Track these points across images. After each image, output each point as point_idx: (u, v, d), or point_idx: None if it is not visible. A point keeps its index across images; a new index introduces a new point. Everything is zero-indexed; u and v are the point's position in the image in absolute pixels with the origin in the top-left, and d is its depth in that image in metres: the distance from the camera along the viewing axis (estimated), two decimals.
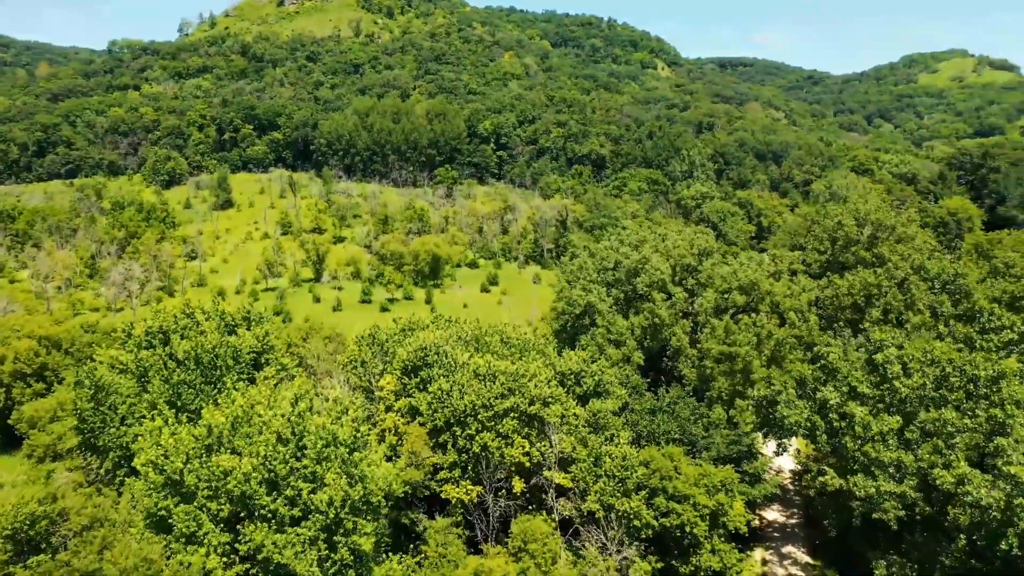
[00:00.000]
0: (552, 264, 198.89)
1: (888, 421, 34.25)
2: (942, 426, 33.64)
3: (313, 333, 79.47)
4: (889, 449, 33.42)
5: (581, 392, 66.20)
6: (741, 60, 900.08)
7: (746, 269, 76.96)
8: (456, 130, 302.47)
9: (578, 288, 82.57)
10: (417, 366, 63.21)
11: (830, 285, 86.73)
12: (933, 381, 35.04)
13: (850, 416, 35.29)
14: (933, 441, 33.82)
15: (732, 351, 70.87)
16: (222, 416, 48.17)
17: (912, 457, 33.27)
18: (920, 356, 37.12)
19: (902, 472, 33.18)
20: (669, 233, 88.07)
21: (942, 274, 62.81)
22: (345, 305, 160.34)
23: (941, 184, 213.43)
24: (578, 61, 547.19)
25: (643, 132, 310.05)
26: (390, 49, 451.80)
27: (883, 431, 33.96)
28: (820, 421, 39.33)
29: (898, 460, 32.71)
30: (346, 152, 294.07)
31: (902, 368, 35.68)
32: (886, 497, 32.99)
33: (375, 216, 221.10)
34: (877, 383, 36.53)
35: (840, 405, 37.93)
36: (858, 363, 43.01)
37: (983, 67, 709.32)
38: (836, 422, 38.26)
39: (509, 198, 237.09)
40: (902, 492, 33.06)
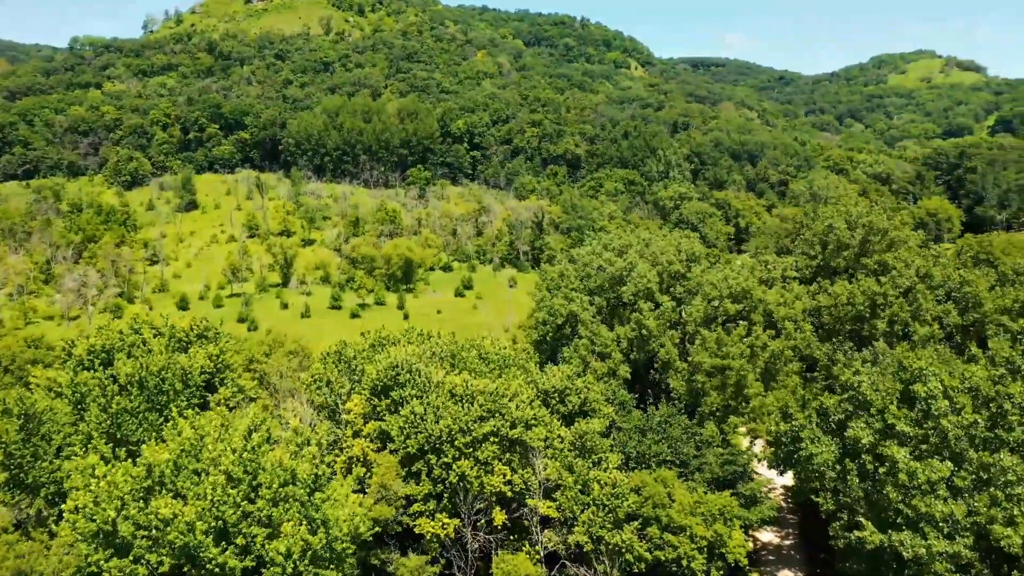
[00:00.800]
0: (528, 267, 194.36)
1: (938, 468, 30.01)
2: (1000, 473, 29.47)
3: (276, 347, 73.76)
4: (939, 500, 29.21)
5: (566, 411, 61.46)
6: (713, 60, 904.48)
7: (737, 276, 72.62)
8: (428, 129, 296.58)
9: (560, 297, 77.74)
10: (388, 386, 57.98)
11: (822, 291, 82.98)
12: (987, 419, 30.86)
13: (891, 461, 31.06)
14: (990, 491, 29.64)
15: (725, 364, 66.52)
16: (165, 453, 42.63)
17: (965, 509, 29.13)
18: (958, 385, 32.92)
19: (954, 527, 29.07)
20: (654, 238, 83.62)
21: (948, 282, 59.03)
22: (314, 311, 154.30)
23: (919, 184, 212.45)
24: (552, 60, 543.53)
25: (618, 132, 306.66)
26: (361, 47, 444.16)
27: (932, 479, 29.74)
28: (851, 463, 35.02)
29: (950, 514, 28.60)
30: (315, 152, 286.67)
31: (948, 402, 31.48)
32: (938, 558, 28.80)
33: (345, 218, 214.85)
34: (918, 420, 32.32)
35: (874, 445, 33.67)
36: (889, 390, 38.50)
37: (951, 68, 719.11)
38: (869, 464, 33.95)
39: (483, 199, 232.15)
40: (956, 552, 28.93)
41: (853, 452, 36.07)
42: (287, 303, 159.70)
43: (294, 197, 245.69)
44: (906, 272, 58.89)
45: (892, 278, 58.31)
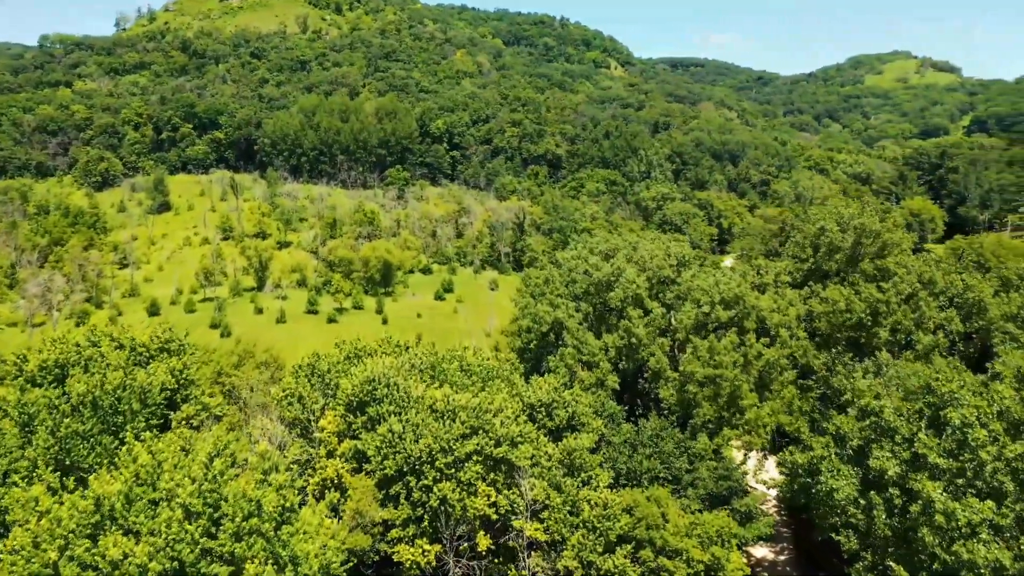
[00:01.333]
0: (509, 269, 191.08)
1: (980, 508, 27.15)
2: None
3: (247, 358, 69.80)
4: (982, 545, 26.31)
5: (552, 426, 58.24)
6: (692, 60, 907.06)
7: (729, 281, 69.85)
8: (407, 129, 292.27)
9: (544, 303, 74.56)
10: (364, 401, 54.41)
11: (814, 295, 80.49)
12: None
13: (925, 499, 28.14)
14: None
15: (718, 374, 63.72)
16: (117, 483, 38.83)
17: (1010, 556, 26.28)
18: (987, 408, 29.99)
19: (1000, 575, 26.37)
20: (642, 241, 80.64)
21: (950, 287, 56.56)
22: (290, 316, 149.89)
23: (902, 185, 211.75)
24: (531, 60, 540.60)
25: (599, 132, 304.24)
26: (338, 46, 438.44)
27: (973, 521, 26.91)
28: (876, 498, 32.10)
29: (995, 560, 25.83)
30: (292, 152, 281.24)
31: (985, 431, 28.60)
32: None
33: (322, 220, 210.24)
34: (952, 451, 29.44)
35: (902, 477, 30.76)
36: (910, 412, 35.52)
37: (926, 69, 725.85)
38: (897, 498, 31.03)
39: (463, 200, 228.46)
40: None
41: (878, 484, 33.15)
42: (262, 308, 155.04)
43: (270, 198, 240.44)
44: (908, 278, 56.22)
45: (894, 284, 55.61)
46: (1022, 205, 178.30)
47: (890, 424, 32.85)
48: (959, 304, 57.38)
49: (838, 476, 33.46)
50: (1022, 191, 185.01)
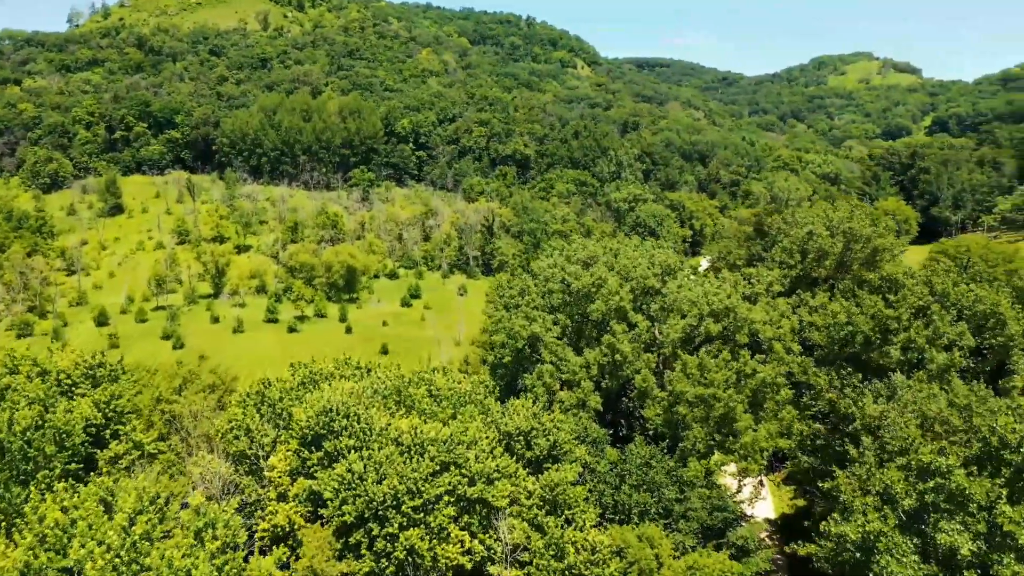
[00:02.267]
0: (478, 273, 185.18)
1: None
2: None
3: (192, 379, 62.97)
4: None
5: (532, 457, 52.61)
6: (658, 60, 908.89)
7: (718, 291, 64.86)
8: (372, 129, 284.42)
9: (519, 316, 68.86)
10: (320, 435, 48.24)
11: (803, 303, 76.00)
12: None
13: None
14: None
15: (710, 393, 58.66)
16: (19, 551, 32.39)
17: None
18: None
19: None
20: (623, 248, 75.36)
21: (961, 300, 52.14)
22: (248, 325, 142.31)
23: (875, 185, 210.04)
24: (498, 59, 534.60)
25: (568, 132, 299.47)
26: (300, 43, 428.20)
27: None
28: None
29: None
30: (251, 152, 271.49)
31: None
32: None
33: (283, 223, 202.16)
34: None
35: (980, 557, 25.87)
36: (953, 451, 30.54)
37: (887, 70, 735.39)
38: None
39: (430, 202, 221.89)
40: None
41: (947, 564, 28.07)
42: (218, 316, 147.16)
43: (228, 200, 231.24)
44: (917, 289, 51.59)
45: (903, 297, 50.92)
46: (995, 205, 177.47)
47: (962, 489, 27.81)
48: (967, 317, 52.94)
49: (900, 556, 28.32)
50: (994, 191, 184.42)
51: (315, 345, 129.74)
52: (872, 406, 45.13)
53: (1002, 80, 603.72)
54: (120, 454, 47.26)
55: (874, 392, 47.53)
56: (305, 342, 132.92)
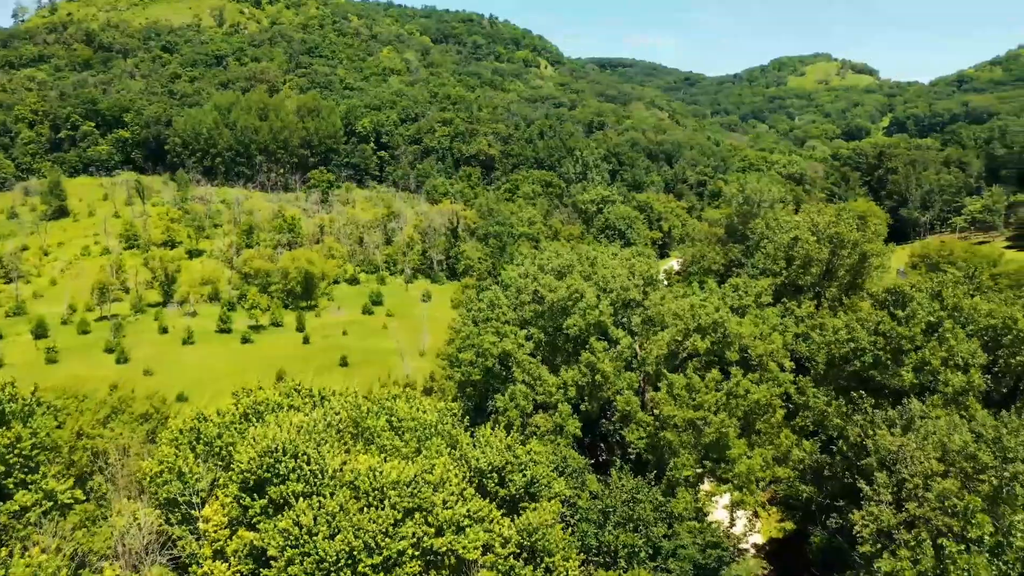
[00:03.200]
0: (443, 277, 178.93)
1: None
2: None
3: (123, 408, 56.00)
4: None
5: (507, 495, 46.85)
6: (620, 61, 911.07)
7: (705, 304, 59.86)
8: (332, 128, 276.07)
9: (489, 332, 63.12)
10: (264, 479, 41.93)
11: (788, 312, 71.61)
12: None
13: None
14: None
15: (700, 416, 53.64)
16: None
17: None
18: None
19: None
20: (600, 256, 70.03)
21: (972, 314, 47.73)
22: (199, 336, 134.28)
23: (844, 186, 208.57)
24: (460, 58, 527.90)
25: (533, 131, 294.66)
26: (257, 40, 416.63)
27: None
28: None
29: None
30: (205, 152, 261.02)
31: None
32: None
33: (238, 226, 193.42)
34: None
35: None
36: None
37: (846, 71, 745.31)
38: None
39: (393, 204, 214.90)
40: None
41: None
42: (167, 326, 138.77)
43: (180, 203, 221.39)
44: (928, 304, 47.03)
45: (913, 311, 46.33)
46: (963, 206, 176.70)
47: None
48: (974, 332, 48.51)
49: None
50: (961, 192, 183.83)
51: (270, 357, 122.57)
52: (888, 438, 40.31)
53: (957, 81, 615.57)
54: (27, 506, 40.40)
55: (888, 421, 42.75)
56: (259, 354, 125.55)
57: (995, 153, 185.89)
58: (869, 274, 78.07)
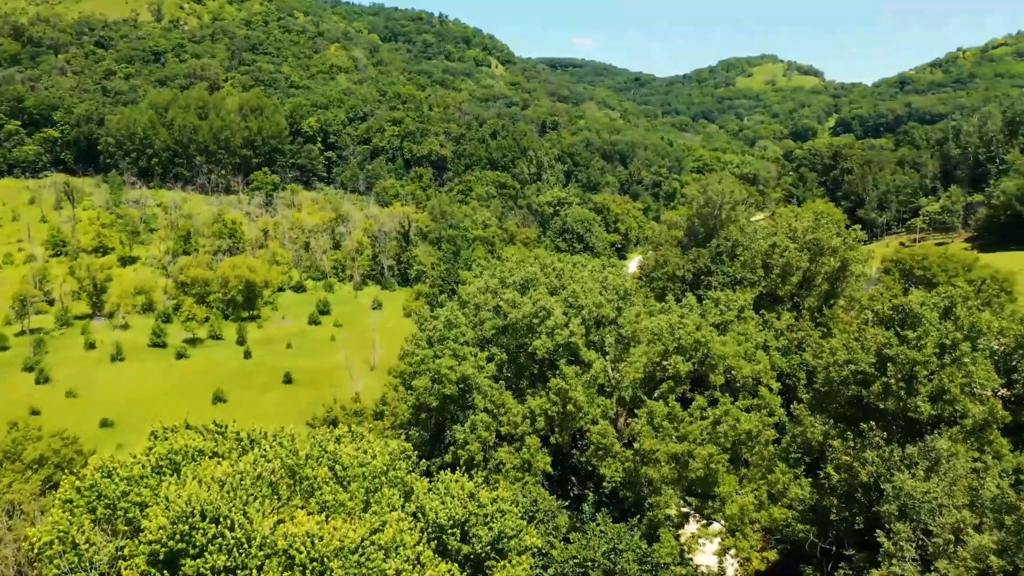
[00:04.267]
0: (394, 284, 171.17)
1: None
2: None
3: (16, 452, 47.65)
4: None
5: (470, 552, 40.31)
6: (571, 61, 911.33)
7: (685, 322, 54.21)
8: (276, 128, 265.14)
9: (447, 355, 56.42)
10: (178, 551, 34.67)
11: (767, 326, 66.58)
12: None
13: None
14: None
15: (686, 450, 47.92)
16: None
17: None
18: None
19: None
20: (566, 267, 63.93)
21: (988, 332, 42.95)
22: (130, 351, 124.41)
23: (802, 187, 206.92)
24: (410, 57, 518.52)
25: (486, 131, 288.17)
26: (198, 36, 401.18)
27: None
28: None
29: None
30: (141, 153, 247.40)
31: None
32: None
33: (176, 231, 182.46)
34: None
35: None
36: None
37: (792, 72, 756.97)
38: None
39: (341, 206, 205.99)
40: None
41: None
42: (94, 341, 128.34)
43: (113, 206, 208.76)
44: (941, 325, 42.00)
45: (925, 331, 41.25)
46: (920, 207, 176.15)
47: None
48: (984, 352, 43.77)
49: None
50: (918, 192, 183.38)
51: (207, 374, 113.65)
52: (911, 482, 34.99)
53: (899, 83, 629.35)
54: None
55: (906, 460, 37.51)
56: (196, 371, 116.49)
57: (949, 153, 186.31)
58: (849, 282, 73.73)
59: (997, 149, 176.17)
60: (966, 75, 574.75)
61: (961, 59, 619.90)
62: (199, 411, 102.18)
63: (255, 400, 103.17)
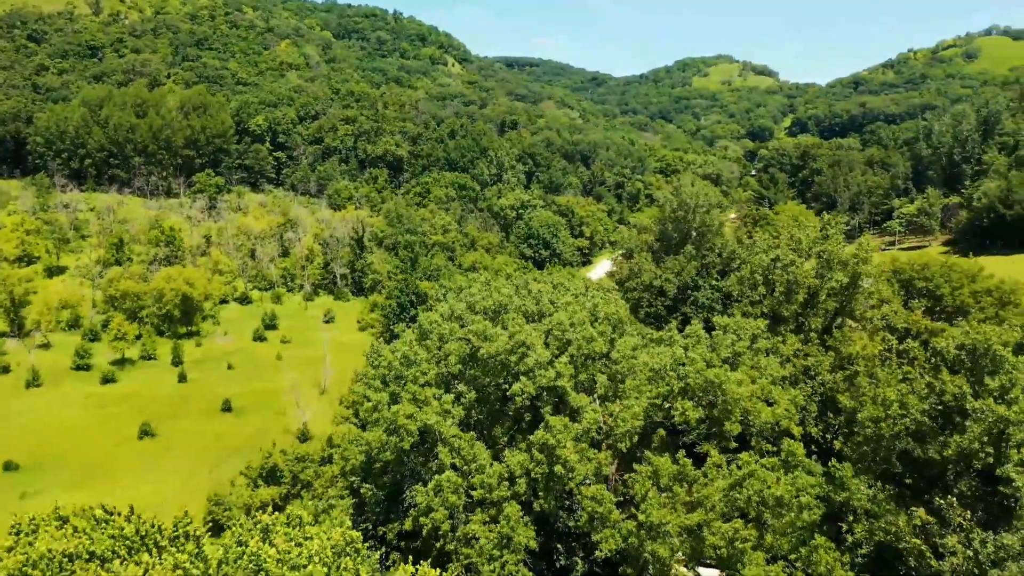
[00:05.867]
0: (347, 294, 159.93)
1: None
2: None
3: None
4: None
5: None
6: (528, 60, 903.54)
7: (693, 356, 45.26)
8: (221, 126, 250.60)
9: (405, 399, 46.51)
10: None
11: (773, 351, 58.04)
12: None
13: None
14: None
15: (701, 521, 38.95)
16: None
17: None
18: None
19: None
20: (544, 290, 54.47)
21: None
22: (48, 376, 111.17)
23: (773, 188, 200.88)
24: (364, 54, 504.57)
25: (444, 130, 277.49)
26: (139, 31, 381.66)
27: None
28: None
29: None
30: (73, 153, 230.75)
31: None
32: None
33: (110, 237, 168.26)
34: None
35: None
36: None
37: (747, 72, 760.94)
38: None
39: (291, 210, 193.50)
40: None
41: None
42: (8, 364, 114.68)
43: (40, 211, 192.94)
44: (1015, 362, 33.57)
45: (1009, 379, 32.75)
46: (892, 208, 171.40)
47: None
48: None
49: None
50: (890, 194, 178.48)
51: (136, 402, 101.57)
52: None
53: (853, 83, 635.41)
54: None
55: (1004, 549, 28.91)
56: (124, 397, 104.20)
57: (920, 154, 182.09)
58: (859, 299, 65.79)
59: (973, 149, 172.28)
60: (918, 76, 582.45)
61: (913, 60, 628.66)
62: (124, 447, 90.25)
63: (189, 432, 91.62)
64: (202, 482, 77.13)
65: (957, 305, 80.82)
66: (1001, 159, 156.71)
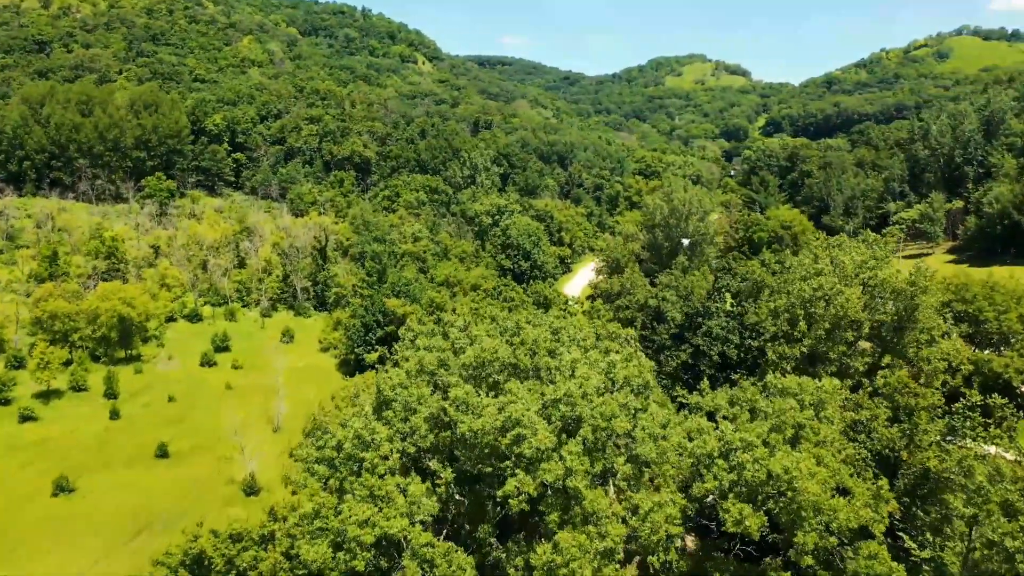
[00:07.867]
0: (309, 309, 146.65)
1: None
2: None
3: None
4: None
5: None
6: (500, 58, 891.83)
7: (749, 438, 33.62)
8: (175, 125, 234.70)
9: (361, 496, 34.29)
10: None
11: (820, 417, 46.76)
12: None
13: None
14: None
15: None
16: None
17: None
18: None
19: None
20: (541, 337, 42.40)
21: None
22: None
23: (764, 191, 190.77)
24: (332, 52, 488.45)
25: (414, 130, 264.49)
26: (91, 25, 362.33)
27: None
28: None
29: None
30: (10, 155, 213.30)
31: None
32: None
33: (43, 248, 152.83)
34: None
35: None
36: None
37: (720, 72, 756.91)
38: None
39: (248, 217, 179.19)
40: None
41: None
42: None
43: None
44: None
45: None
46: (888, 213, 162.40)
47: None
48: None
49: None
50: (885, 198, 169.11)
51: (57, 446, 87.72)
52: None
53: (826, 83, 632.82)
54: None
55: None
56: (42, 441, 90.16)
57: (917, 155, 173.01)
58: (913, 334, 54.70)
59: (976, 151, 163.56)
60: (891, 75, 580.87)
61: (885, 60, 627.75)
62: (33, 505, 76.25)
63: (114, 486, 78.13)
64: (120, 557, 64.12)
65: (1003, 331, 70.55)
66: (1010, 161, 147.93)
